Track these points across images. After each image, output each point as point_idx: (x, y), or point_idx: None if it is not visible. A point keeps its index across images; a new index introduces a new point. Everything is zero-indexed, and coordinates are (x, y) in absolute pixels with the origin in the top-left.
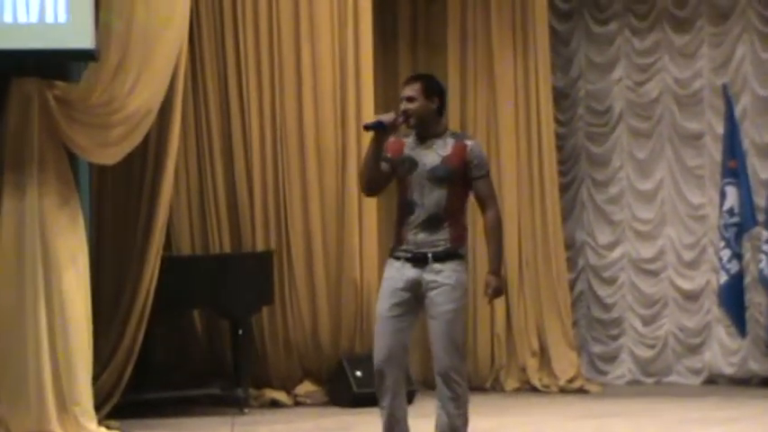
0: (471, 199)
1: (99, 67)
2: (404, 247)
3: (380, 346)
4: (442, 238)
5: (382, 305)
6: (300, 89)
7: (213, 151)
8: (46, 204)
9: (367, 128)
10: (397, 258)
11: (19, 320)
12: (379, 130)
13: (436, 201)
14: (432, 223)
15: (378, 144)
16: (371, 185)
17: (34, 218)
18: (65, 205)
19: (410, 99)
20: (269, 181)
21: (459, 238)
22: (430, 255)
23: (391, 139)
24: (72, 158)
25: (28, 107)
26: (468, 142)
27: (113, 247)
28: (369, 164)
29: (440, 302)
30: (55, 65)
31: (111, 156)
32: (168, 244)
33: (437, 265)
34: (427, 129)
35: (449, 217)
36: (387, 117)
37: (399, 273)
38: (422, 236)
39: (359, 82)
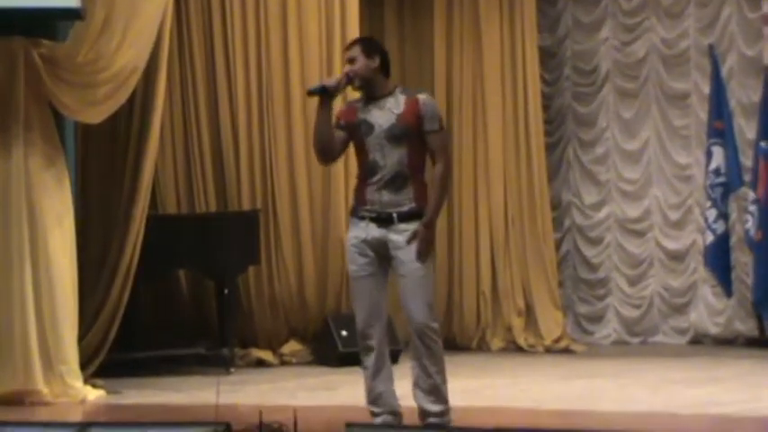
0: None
1: (85, 26)
2: (367, 207)
3: (360, 306)
4: (406, 198)
5: (353, 266)
6: (287, 50)
7: (199, 110)
8: (31, 164)
9: (310, 93)
10: (362, 218)
11: (5, 280)
12: (323, 95)
13: (398, 159)
14: (396, 182)
15: (324, 110)
16: (325, 153)
17: (20, 178)
18: (50, 165)
19: (351, 60)
20: (255, 140)
21: (422, 196)
22: (395, 215)
23: (343, 107)
24: (57, 118)
25: (14, 66)
26: (420, 96)
27: (99, 207)
28: (319, 131)
29: (409, 260)
30: (41, 24)
31: (97, 114)
32: (154, 203)
33: (402, 225)
34: (373, 88)
35: (412, 174)
36: (329, 81)
37: (365, 232)
38: (387, 196)
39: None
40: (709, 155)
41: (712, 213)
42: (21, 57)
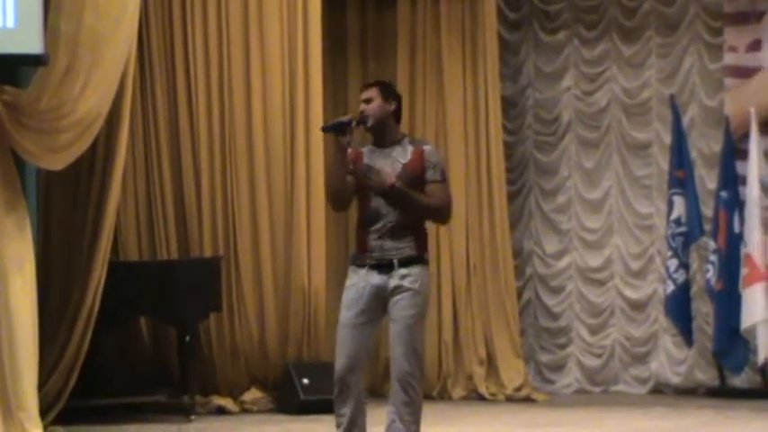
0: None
1: (48, 72)
2: (368, 254)
3: (343, 354)
4: (407, 245)
5: (346, 313)
6: (249, 97)
7: (161, 156)
8: None
9: (325, 130)
10: (361, 266)
11: None
12: (338, 132)
13: (401, 208)
14: (397, 231)
15: (340, 149)
16: (337, 198)
17: None
18: (12, 212)
19: (367, 100)
20: (217, 187)
21: (424, 244)
22: (396, 260)
23: (351, 151)
24: (19, 164)
25: None
26: (426, 147)
27: (60, 253)
28: (334, 174)
29: (402, 307)
30: (3, 70)
31: (59, 161)
32: (115, 249)
33: (403, 270)
34: (384, 133)
35: (413, 224)
36: (344, 118)
37: (365, 280)
38: (388, 243)
39: (308, 91)
40: (670, 204)
41: (673, 263)
42: None
